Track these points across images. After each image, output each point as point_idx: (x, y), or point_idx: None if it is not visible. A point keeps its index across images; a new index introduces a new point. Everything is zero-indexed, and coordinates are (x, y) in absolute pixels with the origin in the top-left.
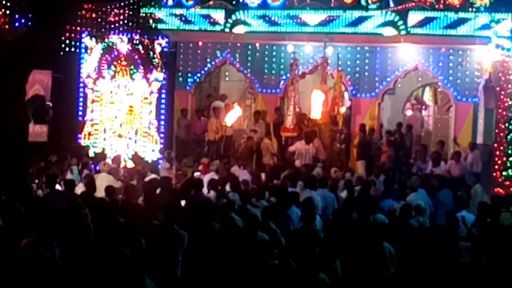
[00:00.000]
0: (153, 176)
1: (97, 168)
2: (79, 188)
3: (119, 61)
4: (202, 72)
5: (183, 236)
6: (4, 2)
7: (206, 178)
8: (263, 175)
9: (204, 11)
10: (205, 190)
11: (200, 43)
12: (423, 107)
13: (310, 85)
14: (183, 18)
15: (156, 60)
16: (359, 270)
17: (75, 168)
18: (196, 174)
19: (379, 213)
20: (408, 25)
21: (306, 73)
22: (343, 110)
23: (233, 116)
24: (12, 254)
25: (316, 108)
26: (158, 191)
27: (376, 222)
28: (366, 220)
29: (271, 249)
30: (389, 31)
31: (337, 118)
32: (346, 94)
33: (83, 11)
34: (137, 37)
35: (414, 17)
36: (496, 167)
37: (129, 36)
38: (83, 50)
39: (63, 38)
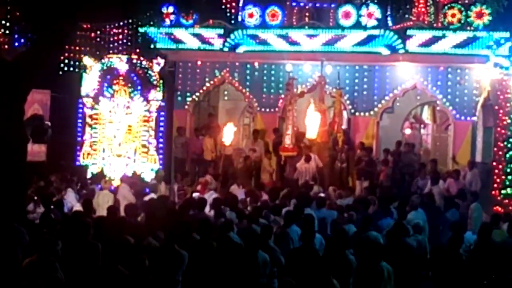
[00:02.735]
0: (152, 195)
1: (99, 187)
2: (76, 208)
3: (118, 81)
4: (201, 91)
5: (183, 256)
6: (3, 22)
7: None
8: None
9: (203, 31)
10: (207, 208)
11: (199, 63)
12: (422, 125)
13: (309, 104)
14: (182, 38)
15: (155, 79)
16: None
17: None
18: (195, 194)
19: (372, 231)
20: (407, 44)
21: (305, 92)
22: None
23: (229, 134)
24: (13, 274)
25: (311, 128)
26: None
27: (369, 240)
28: (359, 238)
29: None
30: (387, 50)
31: (337, 137)
32: (344, 113)
33: (82, 31)
34: (135, 56)
35: (412, 36)
36: (495, 185)
37: (127, 55)
38: (82, 70)
39: (62, 57)
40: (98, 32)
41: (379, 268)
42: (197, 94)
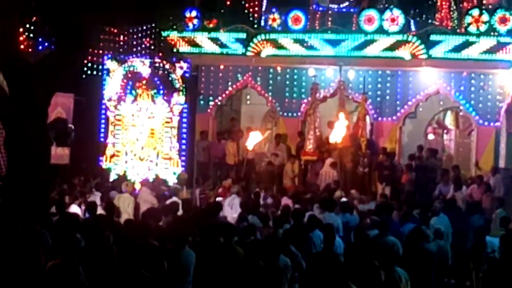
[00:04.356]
0: (175, 199)
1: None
2: (98, 211)
3: (140, 84)
4: (224, 95)
5: (191, 256)
6: (27, 26)
7: (227, 201)
8: (283, 199)
9: (226, 35)
10: (228, 212)
11: (221, 67)
12: (445, 131)
13: (331, 109)
14: (204, 42)
15: (178, 83)
16: None
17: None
18: (219, 198)
19: (390, 236)
20: (429, 49)
21: (327, 97)
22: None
23: (254, 140)
24: (35, 277)
25: (336, 133)
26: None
27: (386, 246)
28: (377, 243)
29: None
30: (409, 55)
31: (361, 142)
32: (367, 118)
33: (105, 35)
34: (158, 60)
35: (436, 41)
36: None
37: (150, 59)
38: (105, 73)
39: (85, 61)
40: (121, 36)
41: (394, 273)
42: (220, 98)
